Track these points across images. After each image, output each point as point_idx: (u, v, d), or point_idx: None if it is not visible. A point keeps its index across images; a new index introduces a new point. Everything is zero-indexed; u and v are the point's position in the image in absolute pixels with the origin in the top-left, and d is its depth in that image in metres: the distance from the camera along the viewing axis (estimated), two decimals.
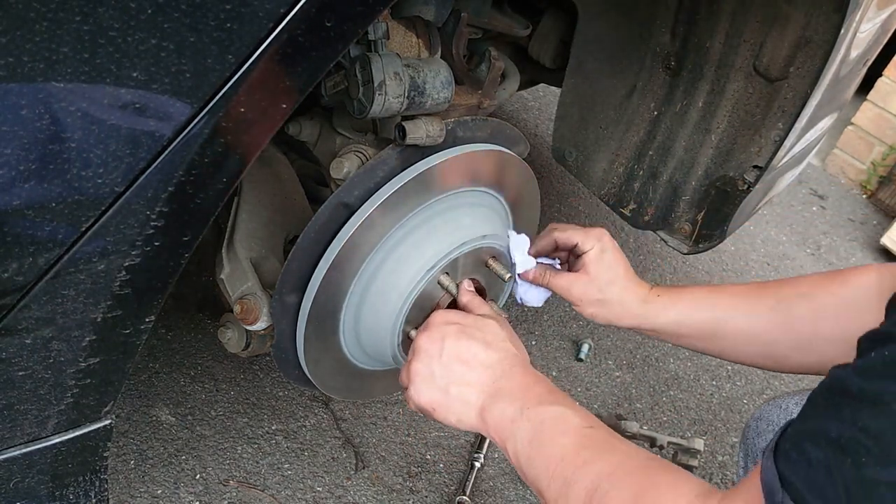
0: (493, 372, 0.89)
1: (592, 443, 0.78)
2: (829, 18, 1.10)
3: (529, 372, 0.91)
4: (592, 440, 0.79)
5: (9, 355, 0.65)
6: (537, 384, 0.88)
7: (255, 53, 0.60)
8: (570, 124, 1.55)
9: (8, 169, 0.55)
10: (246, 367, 1.61)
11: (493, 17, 1.33)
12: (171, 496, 1.34)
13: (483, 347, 0.91)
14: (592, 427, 0.81)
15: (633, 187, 1.51)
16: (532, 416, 0.83)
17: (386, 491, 1.46)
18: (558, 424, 0.81)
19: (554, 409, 0.83)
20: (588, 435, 0.80)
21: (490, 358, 0.90)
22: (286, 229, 1.15)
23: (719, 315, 1.05)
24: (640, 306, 1.08)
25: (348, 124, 1.11)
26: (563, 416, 0.82)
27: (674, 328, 1.08)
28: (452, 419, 0.91)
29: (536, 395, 0.86)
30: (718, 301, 1.07)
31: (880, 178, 3.28)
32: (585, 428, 0.81)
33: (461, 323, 0.93)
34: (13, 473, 0.75)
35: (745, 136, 1.32)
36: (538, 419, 0.83)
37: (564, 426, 0.81)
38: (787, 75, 1.20)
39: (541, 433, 0.82)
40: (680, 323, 1.07)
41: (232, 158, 0.66)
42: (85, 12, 0.52)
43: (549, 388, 0.88)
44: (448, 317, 0.94)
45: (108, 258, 0.64)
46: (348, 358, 1.11)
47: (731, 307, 1.05)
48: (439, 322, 0.93)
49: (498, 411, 0.86)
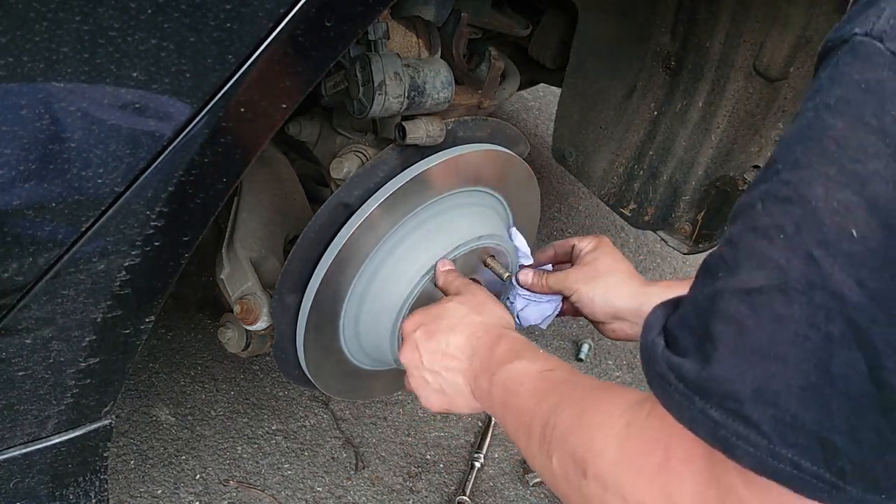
0: (465, 353, 0.90)
1: (547, 384, 0.76)
2: (829, 18, 1.10)
3: (493, 335, 0.90)
4: (548, 381, 0.76)
5: (9, 355, 0.65)
6: (498, 346, 0.87)
7: (255, 53, 0.60)
8: (570, 124, 1.55)
9: (8, 169, 0.55)
10: (246, 367, 1.61)
11: (493, 17, 1.33)
12: (171, 496, 1.34)
13: (450, 333, 0.91)
14: (551, 370, 0.79)
15: (633, 187, 1.51)
16: (499, 381, 0.83)
17: (386, 491, 1.46)
18: (517, 379, 0.80)
19: (514, 365, 0.82)
20: (545, 377, 0.78)
21: (458, 341, 0.91)
22: (286, 229, 1.15)
23: None
24: (638, 286, 1.04)
25: (348, 124, 1.10)
26: (521, 368, 0.81)
27: None
28: (465, 409, 0.93)
29: (499, 357, 0.85)
30: None
31: None
32: (543, 372, 0.79)
33: (424, 322, 0.94)
34: (13, 473, 0.75)
35: (745, 136, 1.32)
36: (502, 381, 0.82)
37: (521, 379, 0.79)
38: (787, 75, 1.20)
39: (507, 393, 0.81)
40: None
41: (232, 158, 0.66)
42: (85, 12, 0.52)
43: (508, 345, 0.87)
44: (413, 322, 0.95)
45: (108, 258, 0.64)
46: (348, 358, 1.11)
47: None
48: (409, 331, 0.95)
49: (479, 389, 0.87)
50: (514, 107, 2.93)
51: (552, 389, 0.74)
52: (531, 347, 0.86)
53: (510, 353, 0.84)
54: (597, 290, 1.05)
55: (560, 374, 0.78)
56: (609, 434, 0.58)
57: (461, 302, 0.95)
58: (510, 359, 0.83)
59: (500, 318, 0.95)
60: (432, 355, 0.92)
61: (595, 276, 1.05)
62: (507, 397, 0.80)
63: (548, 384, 0.76)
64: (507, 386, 0.81)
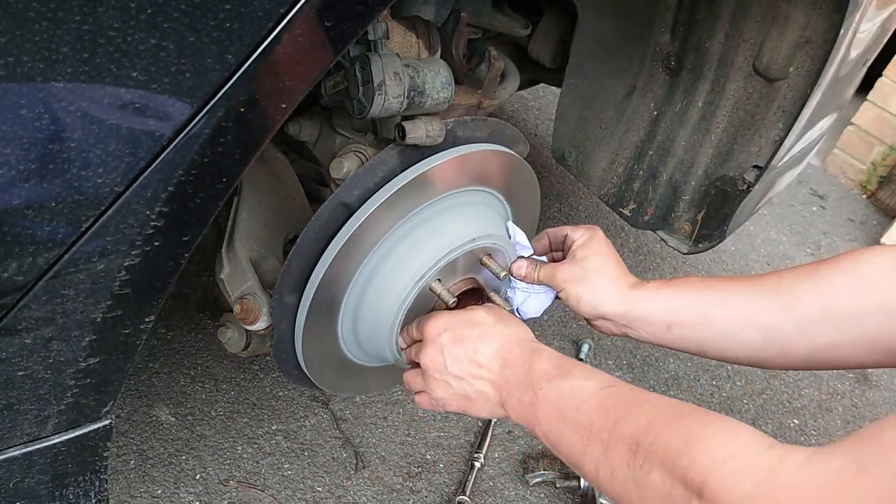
0: (495, 363, 0.92)
1: (616, 402, 0.78)
2: (829, 18, 1.10)
3: (527, 349, 0.91)
4: (615, 399, 0.78)
5: (9, 355, 0.65)
6: (538, 361, 0.89)
7: (255, 53, 0.60)
8: (569, 124, 1.55)
9: (8, 169, 0.55)
10: (246, 367, 1.61)
11: (493, 17, 1.34)
12: (171, 496, 1.34)
13: (479, 341, 0.93)
14: (611, 386, 0.81)
15: (632, 187, 1.51)
16: (548, 395, 0.84)
17: (386, 491, 1.46)
18: (574, 396, 0.82)
19: (566, 381, 0.84)
20: (606, 395, 0.79)
21: (489, 349, 0.92)
22: (286, 229, 1.15)
23: (713, 298, 0.98)
24: (626, 290, 1.02)
25: (348, 124, 1.10)
26: (575, 387, 0.82)
27: (663, 314, 1.00)
28: (484, 414, 0.95)
29: (542, 373, 0.87)
30: (712, 285, 0.99)
31: (880, 178, 3.28)
32: (602, 390, 0.80)
33: (452, 327, 0.95)
34: (13, 473, 0.75)
35: (745, 136, 1.32)
36: (555, 396, 0.83)
37: (581, 396, 0.81)
38: (787, 75, 1.20)
39: (562, 408, 0.82)
40: (669, 306, 0.99)
41: (232, 158, 0.66)
42: (85, 12, 0.52)
43: (550, 360, 0.89)
44: (438, 326, 0.96)
45: (107, 258, 0.64)
46: (347, 356, 1.11)
47: (726, 290, 0.98)
48: (434, 335, 0.95)
49: (515, 401, 0.88)
50: (514, 107, 2.93)
51: (627, 408, 0.76)
52: (576, 363, 0.88)
53: (556, 370, 0.86)
54: (583, 292, 1.04)
55: (622, 390, 0.80)
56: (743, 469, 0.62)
57: (490, 311, 0.98)
58: (558, 375, 0.85)
59: (527, 332, 0.96)
60: (459, 361, 0.93)
61: (583, 276, 1.04)
62: (564, 413, 0.81)
63: (616, 401, 0.78)
64: (561, 402, 0.82)
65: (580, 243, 1.07)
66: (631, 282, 1.04)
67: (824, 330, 0.90)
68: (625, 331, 1.05)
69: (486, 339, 0.93)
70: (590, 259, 1.05)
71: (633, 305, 1.01)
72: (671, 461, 0.67)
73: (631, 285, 1.03)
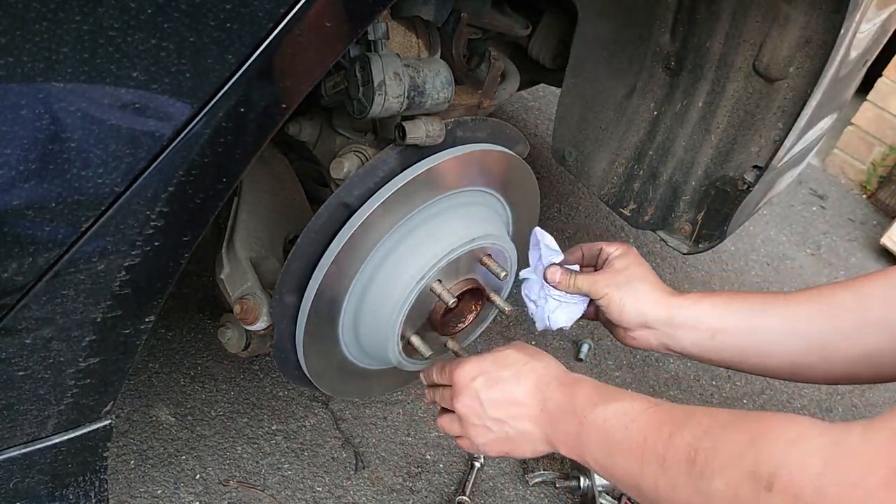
0: (535, 399, 0.92)
1: (665, 417, 0.78)
2: (829, 18, 1.10)
3: (565, 381, 0.92)
4: (663, 415, 0.79)
5: (9, 355, 0.65)
6: (578, 390, 0.90)
7: (254, 53, 0.60)
8: (569, 124, 1.55)
9: (8, 169, 0.55)
10: (246, 367, 1.61)
11: (493, 17, 1.33)
12: (171, 496, 1.34)
13: (514, 382, 0.93)
14: (655, 405, 0.82)
15: (632, 187, 1.51)
16: (593, 423, 0.84)
17: (386, 491, 1.46)
18: (622, 417, 0.82)
19: (610, 406, 0.84)
20: (655, 412, 0.80)
21: (525, 388, 0.93)
22: (286, 229, 1.15)
23: (756, 306, 1.00)
24: (669, 297, 1.03)
25: (348, 124, 1.10)
26: (621, 409, 0.83)
27: (708, 320, 1.01)
28: (528, 453, 0.95)
29: (586, 400, 0.87)
30: (753, 295, 1.02)
31: (880, 178, 3.28)
32: (650, 408, 0.81)
33: (484, 372, 0.95)
34: (13, 473, 0.75)
35: (745, 136, 1.32)
36: (600, 422, 0.84)
37: (628, 415, 0.81)
38: (787, 75, 1.20)
39: (610, 431, 0.82)
40: (714, 313, 1.01)
41: (232, 158, 0.66)
42: (85, 12, 0.52)
43: (591, 388, 0.90)
44: (470, 372, 0.96)
45: (107, 258, 0.64)
46: (348, 358, 1.11)
47: (768, 300, 1.00)
48: (466, 382, 0.96)
49: (562, 433, 0.89)
50: (514, 107, 2.93)
51: (679, 419, 0.76)
52: (617, 389, 0.89)
53: (598, 396, 0.87)
54: (627, 297, 1.04)
55: (669, 406, 0.81)
56: (809, 449, 0.62)
57: (519, 349, 0.98)
58: (601, 401, 0.86)
59: (560, 365, 0.97)
60: (497, 404, 0.93)
61: (626, 282, 1.04)
62: (613, 435, 0.82)
63: (666, 415, 0.78)
64: (608, 426, 0.83)
65: (617, 254, 1.08)
66: (671, 291, 1.05)
67: (866, 336, 0.92)
68: (665, 342, 1.05)
69: (522, 377, 0.93)
70: (631, 268, 1.06)
71: (677, 311, 1.02)
72: (734, 462, 0.67)
73: (672, 294, 1.04)
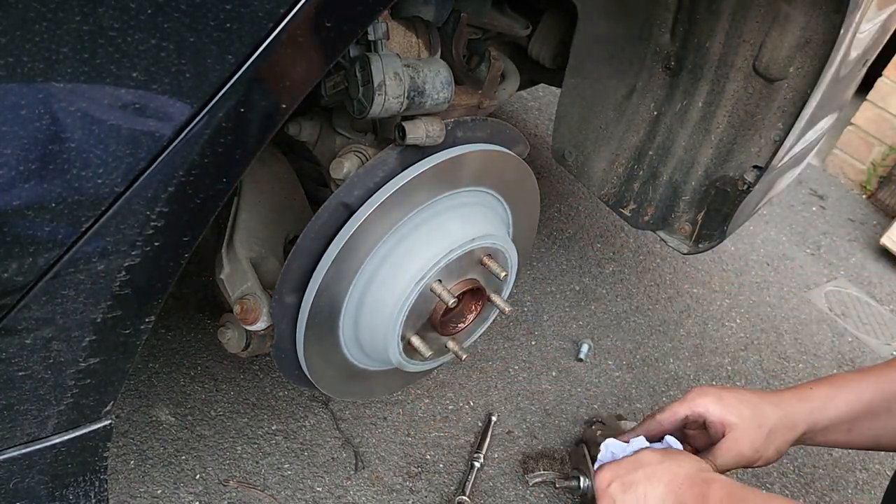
0: (668, 501, 0.94)
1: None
2: (829, 18, 1.10)
3: (698, 480, 0.94)
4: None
5: (9, 355, 0.65)
6: (712, 490, 0.91)
7: (254, 53, 0.60)
8: (569, 124, 1.55)
9: (8, 169, 0.55)
10: (246, 367, 1.61)
11: (493, 17, 1.33)
12: (171, 496, 1.34)
13: (647, 484, 0.95)
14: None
15: (632, 187, 1.51)
16: None
17: (386, 491, 1.46)
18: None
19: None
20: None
21: (659, 490, 0.95)
22: (286, 229, 1.15)
23: (884, 385, 1.01)
24: (801, 405, 1.04)
25: (348, 124, 1.10)
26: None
27: (846, 412, 1.02)
28: None
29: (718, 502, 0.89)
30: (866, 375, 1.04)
31: (880, 178, 3.28)
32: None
33: (618, 476, 0.98)
34: (13, 473, 0.75)
35: (745, 136, 1.32)
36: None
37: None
38: (787, 75, 1.20)
39: None
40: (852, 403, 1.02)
41: (232, 158, 0.66)
42: (85, 12, 0.52)
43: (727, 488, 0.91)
44: (605, 478, 0.99)
45: (107, 258, 0.64)
46: (348, 358, 1.11)
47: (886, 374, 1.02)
48: (602, 487, 0.99)
49: None
50: (514, 107, 2.93)
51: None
52: (751, 488, 0.91)
53: (730, 497, 0.89)
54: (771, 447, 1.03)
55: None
56: None
57: (654, 451, 1.00)
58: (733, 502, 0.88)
59: (697, 462, 0.97)
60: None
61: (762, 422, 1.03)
62: None
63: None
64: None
65: (714, 410, 1.05)
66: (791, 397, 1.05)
67: None
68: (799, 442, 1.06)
69: (654, 479, 0.95)
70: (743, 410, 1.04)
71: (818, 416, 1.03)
72: None
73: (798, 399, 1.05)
